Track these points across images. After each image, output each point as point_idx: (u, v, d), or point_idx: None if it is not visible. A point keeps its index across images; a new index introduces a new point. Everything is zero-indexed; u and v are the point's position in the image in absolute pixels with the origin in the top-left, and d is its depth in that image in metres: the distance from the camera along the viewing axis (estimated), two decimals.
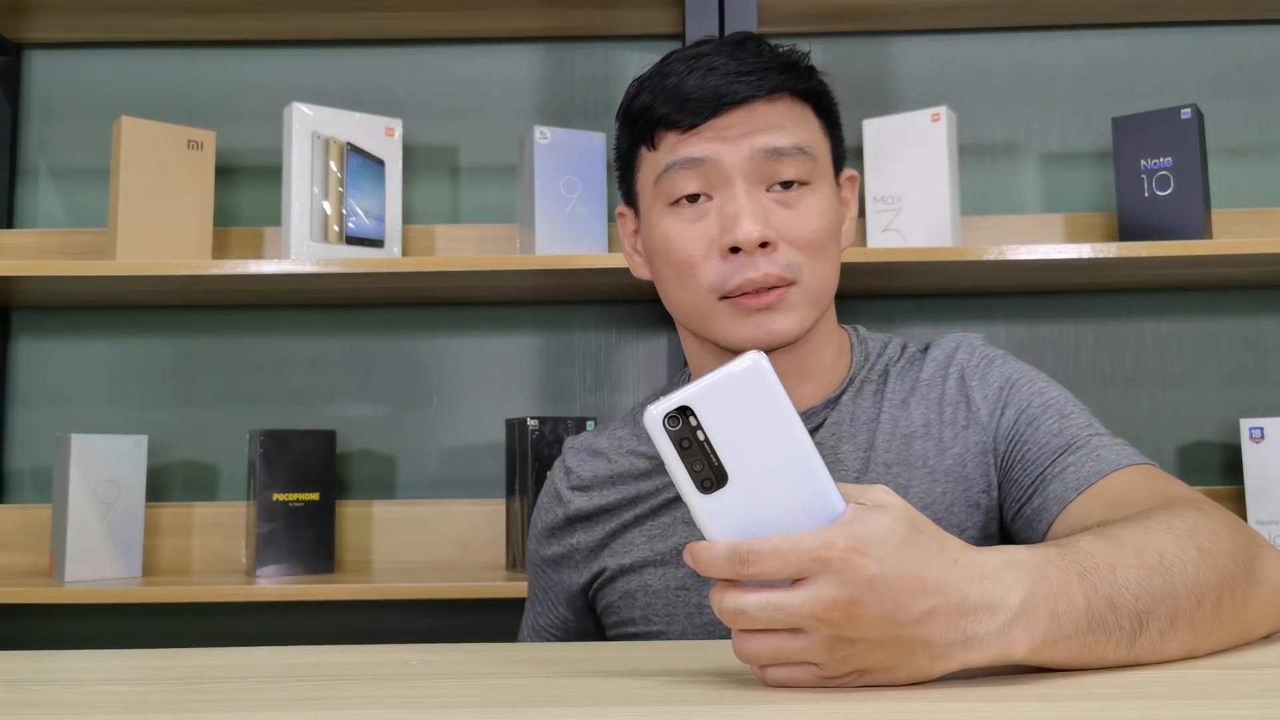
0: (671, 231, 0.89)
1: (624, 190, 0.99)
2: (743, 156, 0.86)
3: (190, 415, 1.68)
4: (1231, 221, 1.62)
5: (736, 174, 0.86)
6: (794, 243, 0.87)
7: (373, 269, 1.44)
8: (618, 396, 1.67)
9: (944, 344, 0.97)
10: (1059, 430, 0.87)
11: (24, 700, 0.59)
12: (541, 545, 1.04)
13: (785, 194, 0.87)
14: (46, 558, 1.60)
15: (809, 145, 0.88)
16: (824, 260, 0.89)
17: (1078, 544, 0.61)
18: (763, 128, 0.87)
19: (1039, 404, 0.90)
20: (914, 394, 0.94)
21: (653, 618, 0.95)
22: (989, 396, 0.92)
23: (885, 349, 0.99)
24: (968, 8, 1.64)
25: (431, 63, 1.74)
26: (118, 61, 1.74)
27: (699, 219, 0.88)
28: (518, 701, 0.56)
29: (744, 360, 0.54)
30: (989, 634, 0.54)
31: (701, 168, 0.87)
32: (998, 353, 0.96)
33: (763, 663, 0.56)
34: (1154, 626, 0.59)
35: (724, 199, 0.87)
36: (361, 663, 0.68)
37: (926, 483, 0.91)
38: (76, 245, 1.66)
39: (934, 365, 0.96)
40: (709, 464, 0.54)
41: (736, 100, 0.86)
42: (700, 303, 0.89)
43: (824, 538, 0.53)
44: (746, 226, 0.84)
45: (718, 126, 0.87)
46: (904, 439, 0.92)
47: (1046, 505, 0.85)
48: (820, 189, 0.89)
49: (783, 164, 0.87)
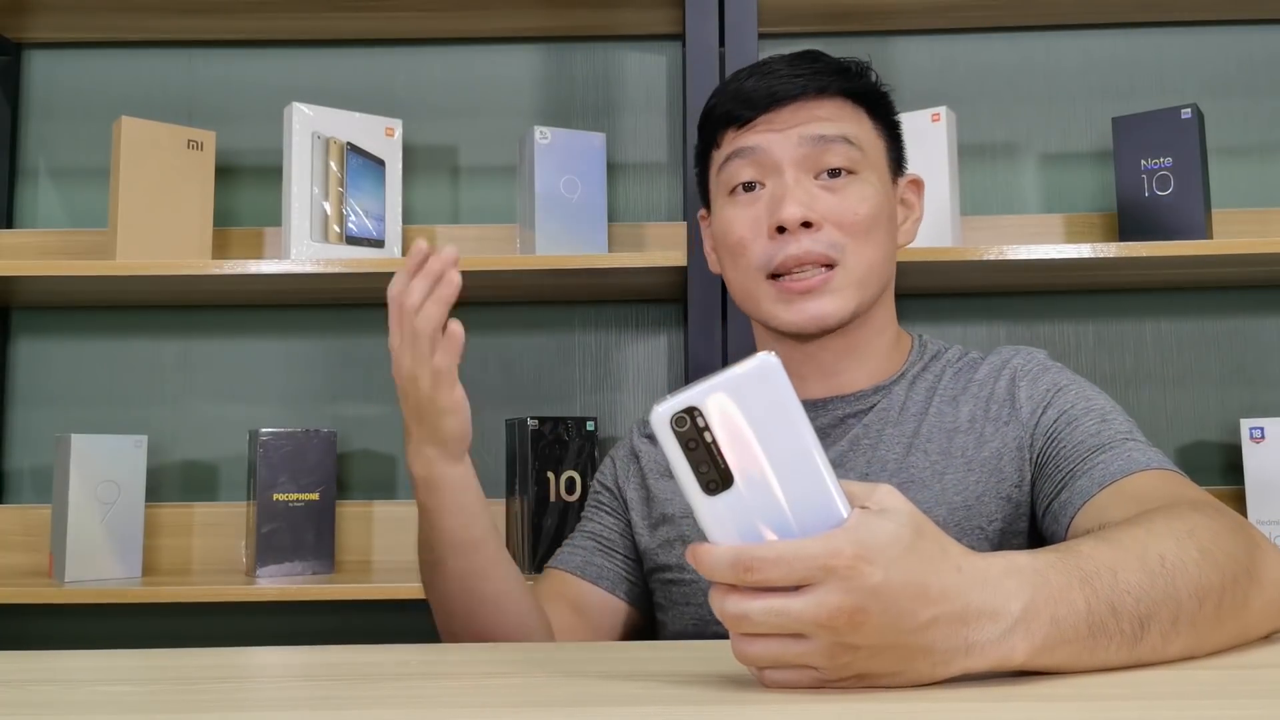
0: (729, 216, 0.97)
1: (703, 194, 1.06)
2: (790, 144, 0.94)
3: (190, 415, 1.68)
4: (1231, 221, 1.62)
5: (785, 161, 0.94)
6: (838, 225, 0.93)
7: (373, 269, 1.44)
8: (618, 396, 1.67)
9: (1004, 351, 1.01)
10: (1097, 431, 0.89)
11: (24, 700, 0.59)
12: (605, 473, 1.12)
13: (832, 181, 0.94)
14: (46, 558, 1.60)
15: (855, 137, 0.95)
16: (869, 244, 0.94)
17: (1079, 548, 0.61)
18: (810, 120, 0.94)
19: (1082, 407, 0.92)
20: (965, 392, 0.97)
21: (688, 566, 0.98)
22: (1034, 397, 0.94)
23: (945, 352, 1.03)
24: (968, 8, 1.64)
25: (431, 63, 1.74)
26: (118, 61, 1.74)
27: (752, 204, 0.96)
28: (518, 702, 0.56)
29: (754, 361, 0.53)
30: (990, 641, 0.54)
31: (754, 156, 0.95)
32: (1056, 365, 0.99)
33: (762, 665, 0.56)
34: (1155, 629, 0.59)
35: (774, 185, 0.94)
36: (361, 663, 0.68)
37: (962, 471, 0.93)
38: (76, 245, 1.66)
39: (989, 368, 0.99)
40: (714, 465, 0.53)
41: (788, 95, 0.94)
42: (749, 282, 0.96)
43: (830, 545, 0.53)
44: (790, 207, 0.91)
45: (770, 120, 0.95)
46: (948, 433, 0.95)
47: (1072, 499, 0.86)
48: (868, 179, 0.95)
49: (829, 152, 0.93)
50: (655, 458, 1.08)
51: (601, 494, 1.12)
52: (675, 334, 1.67)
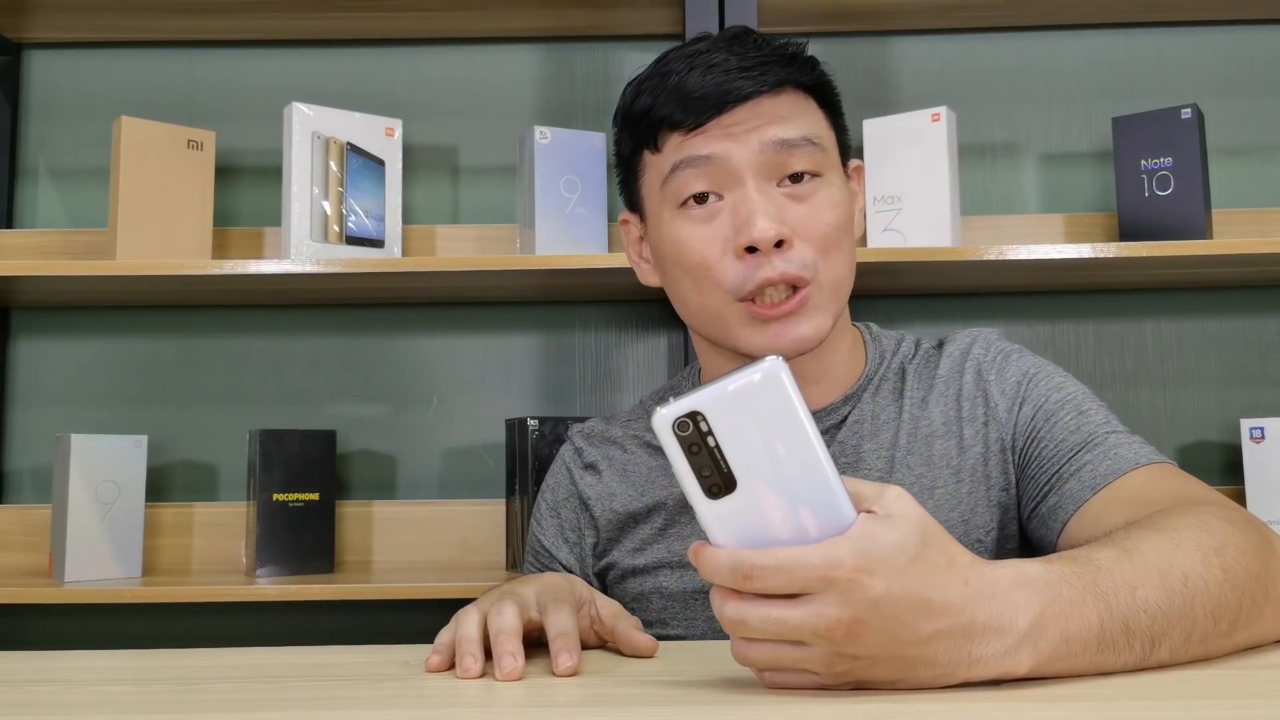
0: (683, 235, 0.87)
1: (626, 196, 0.96)
2: (751, 152, 0.84)
3: (190, 415, 1.68)
4: (1231, 221, 1.62)
5: (746, 171, 0.84)
6: (809, 239, 0.85)
7: (373, 269, 1.44)
8: (618, 396, 1.67)
9: (959, 340, 0.96)
10: (1076, 427, 0.86)
11: (24, 700, 0.59)
12: (543, 523, 1.02)
13: (796, 187, 0.86)
14: (46, 558, 1.60)
15: (816, 136, 0.87)
16: (839, 255, 0.87)
17: (1097, 560, 0.59)
18: (769, 121, 0.85)
19: (1056, 400, 0.89)
20: (932, 392, 0.93)
21: (670, 621, 0.94)
22: (1006, 392, 0.91)
23: (900, 346, 0.98)
24: (968, 8, 1.64)
25: (431, 63, 1.74)
26: (118, 61, 1.74)
27: (710, 220, 0.86)
28: (518, 702, 0.56)
29: (762, 366, 0.53)
30: (994, 655, 0.53)
31: (709, 166, 0.85)
32: (1013, 347, 0.95)
33: (761, 668, 0.56)
34: (1166, 646, 0.58)
35: (736, 198, 0.85)
36: (361, 663, 0.68)
37: (952, 483, 0.90)
38: (76, 245, 1.66)
39: (950, 362, 0.94)
40: (718, 470, 0.53)
41: (741, 96, 0.84)
42: (718, 306, 0.87)
43: (831, 554, 0.51)
44: (761, 225, 0.82)
45: (723, 124, 0.84)
46: (925, 439, 0.91)
47: (1062, 504, 0.83)
48: (831, 180, 0.88)
49: (792, 156, 0.85)
50: (592, 488, 0.99)
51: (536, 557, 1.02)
52: (675, 334, 1.67)
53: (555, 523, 1.02)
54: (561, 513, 1.02)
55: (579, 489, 1.00)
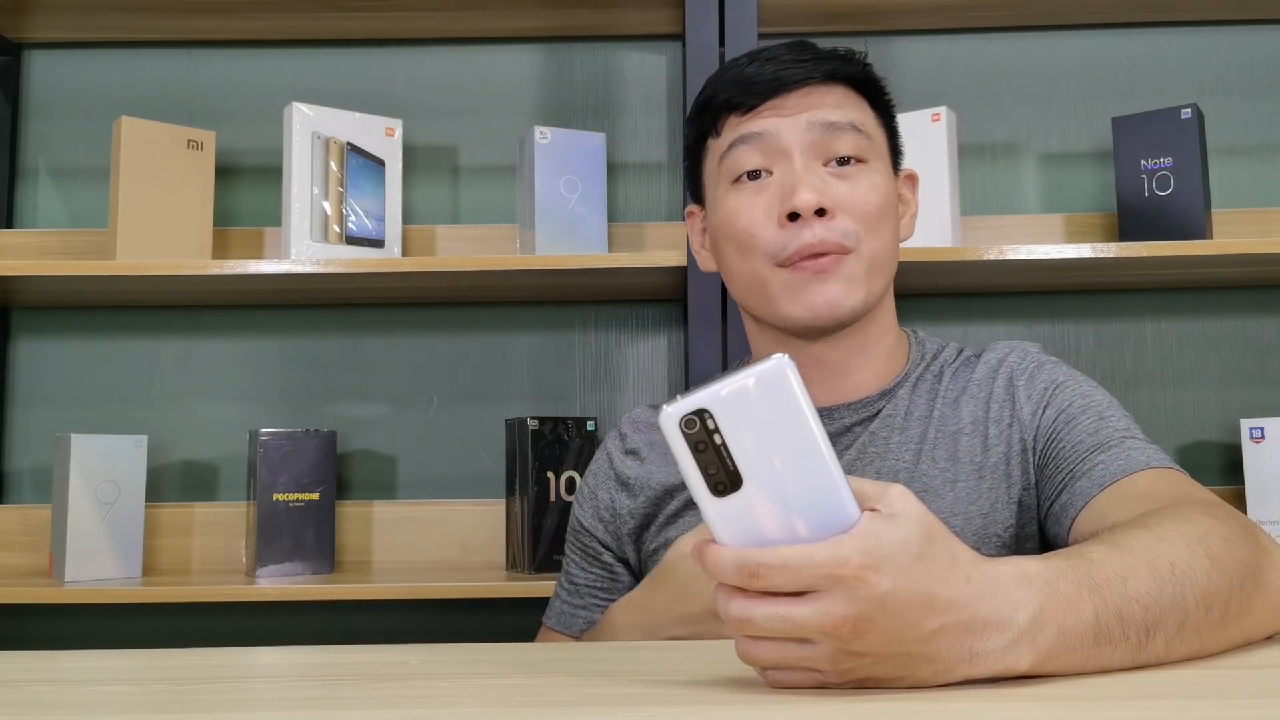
0: (734, 205, 0.93)
1: (692, 188, 1.03)
2: (799, 130, 0.91)
3: (190, 415, 1.68)
4: (1231, 221, 1.62)
5: (794, 147, 0.91)
6: (851, 213, 0.90)
7: (373, 269, 1.44)
8: (618, 396, 1.67)
9: (998, 348, 0.99)
10: (1095, 430, 0.88)
11: (24, 700, 0.59)
12: (583, 504, 1.06)
13: (842, 169, 0.92)
14: (46, 558, 1.60)
15: (862, 124, 0.93)
16: (880, 233, 0.92)
17: (1089, 554, 0.60)
18: (818, 105, 0.92)
19: (1080, 405, 0.91)
20: (965, 394, 0.96)
21: None
22: (1033, 396, 0.94)
23: (942, 351, 1.01)
24: (968, 8, 1.64)
25: (431, 63, 1.74)
26: (118, 61, 1.74)
27: (759, 192, 0.92)
28: (518, 701, 0.56)
29: (768, 363, 0.52)
30: (995, 651, 0.54)
31: (761, 142, 0.92)
32: (1050, 359, 0.97)
33: (765, 666, 0.56)
34: (1161, 636, 0.59)
35: (783, 171, 0.91)
36: (361, 663, 0.68)
37: (974, 479, 0.92)
38: (76, 245, 1.66)
39: (986, 368, 0.97)
40: (724, 468, 0.53)
41: (793, 82, 0.91)
42: (759, 271, 0.92)
43: (836, 552, 0.52)
44: (804, 193, 0.88)
45: (775, 105, 0.92)
46: (952, 436, 0.94)
47: (1073, 500, 0.86)
48: (876, 169, 0.93)
49: (838, 138, 0.91)
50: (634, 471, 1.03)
51: (581, 535, 1.06)
52: (675, 334, 1.67)
53: (593, 504, 1.06)
54: (599, 494, 1.06)
55: (616, 470, 1.05)
